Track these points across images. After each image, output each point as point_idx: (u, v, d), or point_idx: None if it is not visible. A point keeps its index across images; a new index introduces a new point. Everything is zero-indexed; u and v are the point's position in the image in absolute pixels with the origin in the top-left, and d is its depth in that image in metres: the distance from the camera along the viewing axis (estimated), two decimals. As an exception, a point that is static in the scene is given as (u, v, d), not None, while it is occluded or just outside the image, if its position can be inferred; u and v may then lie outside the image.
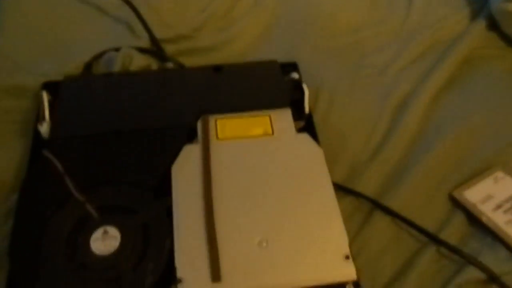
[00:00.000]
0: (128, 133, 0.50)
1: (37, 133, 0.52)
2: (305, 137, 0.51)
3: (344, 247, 0.43)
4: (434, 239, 0.48)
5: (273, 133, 0.51)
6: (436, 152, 0.56)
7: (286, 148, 0.50)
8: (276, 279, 0.41)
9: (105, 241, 0.42)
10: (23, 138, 0.55)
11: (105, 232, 0.43)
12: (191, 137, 0.51)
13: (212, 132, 0.51)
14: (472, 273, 0.45)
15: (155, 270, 0.41)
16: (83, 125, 0.51)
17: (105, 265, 0.41)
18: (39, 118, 0.52)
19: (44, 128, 0.51)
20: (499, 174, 0.54)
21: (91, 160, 0.48)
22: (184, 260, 0.41)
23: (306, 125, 0.55)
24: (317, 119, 0.57)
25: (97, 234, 0.43)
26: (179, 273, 0.41)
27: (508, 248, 0.47)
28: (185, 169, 0.48)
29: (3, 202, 0.51)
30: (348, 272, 0.41)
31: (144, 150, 0.49)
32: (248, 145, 0.50)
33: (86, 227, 0.43)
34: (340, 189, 0.52)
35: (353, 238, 0.49)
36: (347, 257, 0.42)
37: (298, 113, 0.55)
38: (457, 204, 0.52)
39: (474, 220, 0.50)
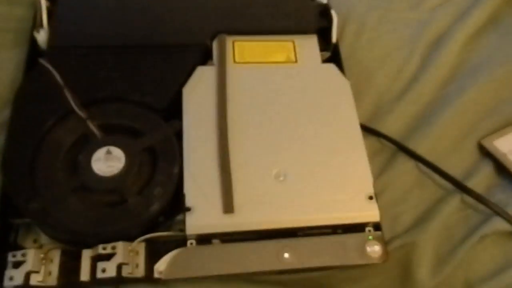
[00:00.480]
0: (135, 48, 0.45)
1: (33, 42, 0.46)
2: (331, 67, 0.46)
3: (368, 187, 0.39)
4: (460, 186, 0.45)
5: (296, 60, 0.46)
6: (468, 97, 0.52)
7: (310, 78, 0.45)
8: (292, 215, 0.38)
9: (108, 162, 0.38)
10: (18, 47, 0.49)
11: (108, 152, 0.39)
12: (205, 58, 0.46)
13: (229, 55, 0.46)
14: (498, 224, 0.43)
15: (162, 196, 0.38)
16: (86, 35, 0.45)
17: (107, 187, 0.38)
18: (36, 25, 0.46)
19: (42, 36, 0.45)
20: (534, 124, 0.50)
21: (94, 74, 0.43)
22: (194, 188, 0.38)
23: (332, 56, 0.49)
24: (342, 52, 0.52)
25: (99, 154, 0.39)
26: (189, 202, 0.37)
27: (537, 201, 0.45)
28: (197, 92, 0.43)
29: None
30: (371, 213, 0.39)
31: (153, 68, 0.44)
32: (268, 72, 0.45)
33: (87, 146, 0.39)
34: (363, 129, 0.48)
35: (374, 181, 0.46)
36: (370, 198, 0.39)
37: (324, 42, 0.49)
38: (486, 153, 0.48)
39: (502, 170, 0.47)
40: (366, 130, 0.49)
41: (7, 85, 0.48)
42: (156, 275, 0.36)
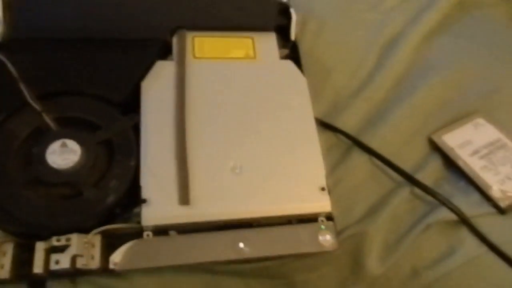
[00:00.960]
0: (94, 41, 0.44)
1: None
2: (288, 64, 0.47)
3: (320, 179, 0.41)
4: (409, 179, 0.47)
5: (255, 57, 0.47)
6: (420, 95, 0.54)
7: (268, 74, 0.46)
8: (247, 206, 0.39)
9: (63, 154, 0.38)
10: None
11: (64, 145, 0.39)
12: (164, 53, 0.46)
13: (189, 50, 0.46)
14: (443, 214, 0.45)
15: (118, 188, 0.38)
16: (43, 27, 0.44)
17: (62, 179, 0.37)
18: (-9, 17, 0.46)
19: (-3, 28, 0.45)
20: (480, 120, 0.53)
21: (51, 67, 0.42)
22: (151, 180, 0.38)
23: (291, 54, 0.51)
24: (301, 50, 0.53)
25: (54, 146, 0.39)
26: (145, 194, 0.38)
27: (480, 192, 0.47)
28: (156, 86, 0.43)
29: None
30: (323, 204, 0.40)
31: (111, 62, 0.44)
32: (227, 67, 0.46)
33: (42, 138, 0.39)
34: (320, 124, 0.50)
35: (329, 173, 0.47)
36: (322, 189, 0.41)
37: (283, 40, 0.51)
38: (435, 148, 0.51)
39: (450, 164, 0.50)
40: (323, 125, 0.51)
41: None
42: (111, 266, 0.37)
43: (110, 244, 0.38)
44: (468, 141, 0.51)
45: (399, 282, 0.43)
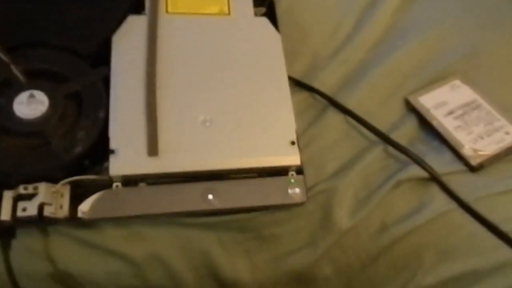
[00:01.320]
0: (65, -7, 0.44)
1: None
2: (263, 21, 0.47)
3: (290, 133, 0.41)
4: (383, 137, 0.47)
5: (229, 13, 0.47)
6: (398, 56, 0.54)
7: (242, 30, 0.46)
8: (217, 158, 0.39)
9: (30, 105, 0.38)
10: None
11: (31, 96, 0.39)
12: (137, 7, 0.46)
13: (161, 5, 0.46)
14: (415, 172, 0.45)
15: (86, 139, 0.38)
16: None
17: (30, 129, 0.38)
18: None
19: (-36, -20, 0.44)
20: (457, 82, 0.53)
21: (20, 18, 0.42)
22: (119, 131, 0.38)
23: (268, 12, 0.50)
24: (279, 11, 0.52)
25: (22, 97, 0.38)
26: (113, 144, 0.38)
27: (453, 151, 0.47)
28: (127, 40, 0.43)
29: None
30: (293, 158, 0.40)
31: (82, 15, 0.43)
32: (200, 23, 0.46)
33: (10, 89, 0.39)
34: (297, 84, 0.50)
35: (303, 131, 0.47)
36: (293, 143, 0.41)
37: (261, -2, 0.50)
38: (411, 109, 0.51)
39: (425, 124, 0.50)
40: (300, 85, 0.51)
41: None
42: (80, 215, 0.37)
43: (79, 194, 0.38)
44: (444, 102, 0.51)
45: (367, 236, 0.43)
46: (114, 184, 0.38)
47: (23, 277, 0.39)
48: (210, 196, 0.39)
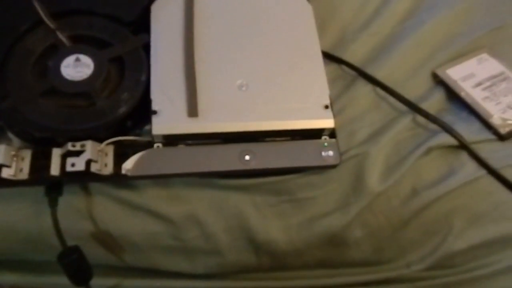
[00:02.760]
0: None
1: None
2: (295, -9, 0.48)
3: (324, 97, 0.42)
4: (412, 107, 0.48)
5: (262, -17, 0.48)
6: (426, 29, 0.54)
7: (276, 0, 0.47)
8: (253, 120, 0.40)
9: (77, 68, 0.40)
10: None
11: (77, 60, 0.40)
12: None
13: (197, -25, 0.47)
14: (444, 139, 0.46)
15: (129, 100, 0.40)
16: None
17: (77, 90, 0.39)
18: None
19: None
20: (484, 55, 0.53)
21: (65, -14, 0.44)
22: (161, 93, 0.40)
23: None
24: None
25: (69, 60, 0.40)
26: (155, 105, 0.40)
27: (481, 121, 0.48)
28: (166, 8, 0.44)
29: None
30: (327, 121, 0.42)
31: (123, -15, 0.45)
32: (235, -8, 0.47)
33: (57, 53, 0.40)
34: (326, 56, 0.51)
35: (332, 102, 0.48)
36: (326, 107, 0.42)
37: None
38: (439, 81, 0.52)
39: (453, 96, 0.51)
40: (328, 57, 0.52)
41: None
42: (123, 172, 0.39)
43: (122, 154, 0.40)
44: (472, 74, 0.52)
45: (399, 200, 0.44)
46: (156, 144, 0.40)
47: (66, 235, 0.41)
48: (247, 157, 0.40)
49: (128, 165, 0.39)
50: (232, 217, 0.44)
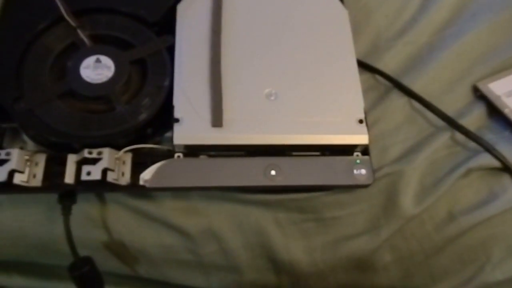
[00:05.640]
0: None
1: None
2: (330, -5, 0.45)
3: (358, 111, 0.39)
4: (451, 123, 0.45)
5: (295, -14, 0.46)
6: (466, 40, 0.51)
7: (308, 4, 0.44)
8: (281, 132, 0.38)
9: (97, 69, 0.38)
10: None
11: (98, 61, 0.38)
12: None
13: (226, -25, 0.45)
14: (485, 160, 0.43)
15: (150, 106, 0.37)
16: None
17: (96, 93, 0.37)
18: None
19: None
20: (530, 70, 0.50)
21: (86, -17, 0.42)
22: (184, 100, 0.37)
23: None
24: (342, -11, 0.51)
25: (89, 61, 0.38)
26: (177, 113, 0.37)
27: (527, 142, 0.45)
28: (192, 9, 0.42)
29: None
30: (361, 136, 0.38)
31: (148, -18, 0.43)
32: (265, -5, 0.44)
33: (77, 53, 0.38)
34: (359, 64, 0.48)
35: (366, 114, 0.46)
36: (361, 121, 0.39)
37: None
38: (480, 96, 0.48)
39: (495, 112, 0.47)
40: (362, 66, 0.48)
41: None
42: (141, 182, 0.36)
43: (140, 162, 0.37)
44: (516, 90, 0.48)
45: (433, 225, 0.41)
46: (176, 154, 0.37)
47: (78, 243, 0.39)
48: (273, 172, 0.37)
49: (146, 176, 0.36)
50: (252, 234, 0.41)
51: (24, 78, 0.37)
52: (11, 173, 0.34)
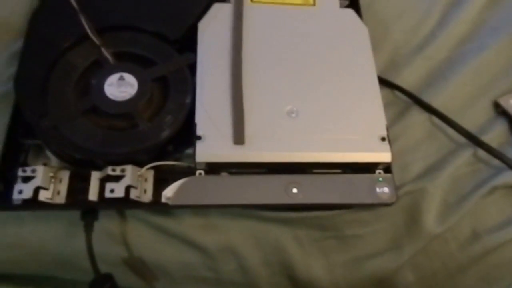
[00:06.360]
0: (154, -21, 0.44)
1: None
2: (350, 12, 0.45)
3: (381, 128, 0.39)
4: (473, 139, 0.44)
5: (314, 3, 0.45)
6: (486, 55, 0.50)
7: (328, 21, 0.44)
8: (303, 150, 0.37)
9: (120, 87, 0.38)
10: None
11: (121, 78, 0.38)
12: (222, -5, 0.45)
13: (246, -7, 0.45)
14: (510, 178, 0.42)
15: (173, 124, 0.38)
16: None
17: (119, 111, 0.37)
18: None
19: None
20: (553, 86, 0.49)
21: (111, 2, 0.42)
22: (206, 118, 0.38)
23: (351, 5, 0.48)
24: (360, 3, 0.50)
25: (112, 79, 0.38)
26: (200, 131, 0.37)
27: (551, 159, 0.44)
28: (213, 27, 0.42)
29: (8, 46, 0.46)
30: (383, 154, 0.38)
31: (170, 1, 0.43)
32: (285, 13, 0.44)
33: (101, 70, 0.39)
34: (378, 80, 0.48)
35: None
36: (383, 139, 0.39)
37: (343, -10, 0.49)
38: (501, 111, 0.48)
39: (517, 129, 0.47)
40: (381, 81, 0.48)
41: (22, 15, 0.48)
42: (164, 200, 0.37)
43: (161, 180, 0.37)
44: (539, 106, 0.47)
45: (457, 244, 0.40)
46: (198, 172, 0.37)
47: (97, 259, 0.39)
48: (295, 190, 0.37)
49: (168, 193, 0.36)
50: (272, 251, 0.41)
51: (49, 96, 0.38)
52: (36, 190, 0.35)
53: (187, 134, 0.38)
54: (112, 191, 0.35)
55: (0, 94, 0.43)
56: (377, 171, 0.39)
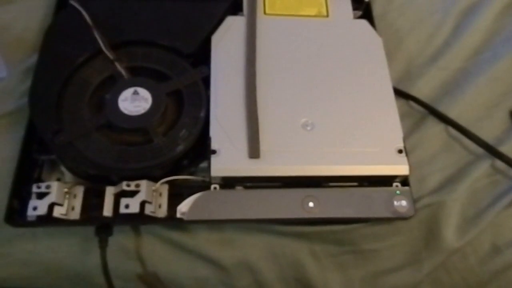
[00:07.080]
0: (166, -6, 0.44)
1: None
2: (363, 23, 0.45)
3: (398, 140, 0.38)
4: (491, 150, 0.43)
5: (328, 15, 0.45)
6: (502, 65, 0.50)
7: (342, 33, 0.44)
8: (319, 163, 0.37)
9: (134, 102, 0.38)
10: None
11: (135, 93, 0.38)
12: (235, 9, 0.45)
13: (259, 6, 0.45)
14: (530, 190, 0.41)
15: (187, 138, 0.37)
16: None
17: (134, 126, 0.37)
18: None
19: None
20: None
21: (124, 17, 0.42)
22: (221, 132, 0.37)
23: (364, 15, 0.48)
24: (374, 15, 0.50)
25: (127, 93, 0.38)
26: (214, 145, 0.37)
27: None
28: (226, 40, 0.42)
29: (22, 61, 0.46)
30: (401, 167, 0.37)
31: (183, 15, 0.43)
32: (298, 24, 0.44)
33: (115, 85, 0.39)
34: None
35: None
36: (400, 151, 0.38)
37: (356, 1, 0.48)
38: (519, 122, 0.47)
39: (535, 139, 0.46)
40: (395, 92, 0.47)
41: (35, 31, 0.48)
42: (178, 215, 0.36)
43: (176, 194, 0.37)
44: (558, 116, 0.47)
45: (477, 258, 0.39)
46: (212, 186, 0.37)
47: (112, 275, 0.38)
48: (311, 204, 0.37)
49: (183, 208, 0.36)
50: (288, 266, 0.40)
51: (63, 111, 0.38)
52: (51, 206, 0.35)
53: (201, 148, 0.38)
54: (127, 206, 0.35)
55: (14, 110, 0.43)
56: (394, 184, 0.38)
